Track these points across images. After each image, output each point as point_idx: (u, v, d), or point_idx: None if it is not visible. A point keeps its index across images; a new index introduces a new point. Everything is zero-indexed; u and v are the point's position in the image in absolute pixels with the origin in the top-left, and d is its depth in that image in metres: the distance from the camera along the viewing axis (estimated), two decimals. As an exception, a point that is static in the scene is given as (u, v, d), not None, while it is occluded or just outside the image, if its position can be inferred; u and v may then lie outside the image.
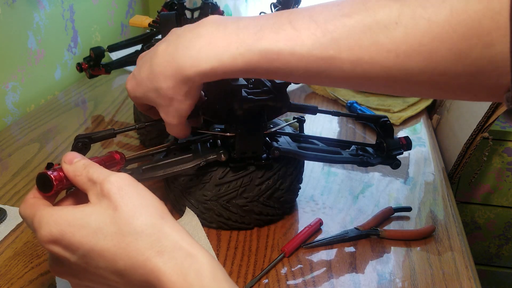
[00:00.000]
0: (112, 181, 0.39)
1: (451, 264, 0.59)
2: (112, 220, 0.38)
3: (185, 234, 0.38)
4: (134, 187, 0.40)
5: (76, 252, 0.38)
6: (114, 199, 0.38)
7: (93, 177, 0.40)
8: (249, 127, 0.59)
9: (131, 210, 0.38)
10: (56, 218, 0.38)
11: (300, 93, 1.14)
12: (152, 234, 0.37)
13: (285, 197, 0.64)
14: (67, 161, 0.42)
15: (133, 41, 1.00)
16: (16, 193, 0.72)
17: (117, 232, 0.37)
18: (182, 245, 0.37)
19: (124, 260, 0.37)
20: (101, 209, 0.38)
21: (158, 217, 0.38)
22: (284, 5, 0.54)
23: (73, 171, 0.42)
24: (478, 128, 0.84)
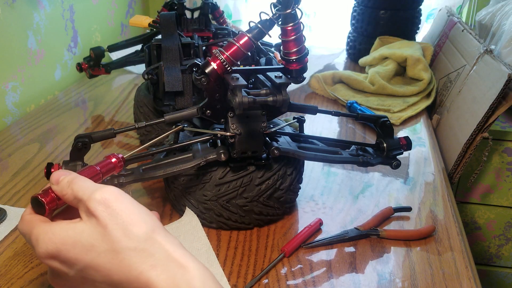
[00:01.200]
0: (97, 199, 0.39)
1: (451, 264, 0.59)
2: (103, 238, 0.38)
3: (176, 246, 0.39)
4: (122, 202, 0.39)
5: (73, 267, 0.39)
6: (102, 218, 0.38)
7: (78, 195, 0.40)
8: (249, 127, 0.59)
9: (121, 228, 0.38)
10: (50, 236, 0.39)
11: (300, 93, 1.14)
12: (145, 250, 0.38)
13: (285, 197, 0.64)
14: (53, 181, 0.42)
15: (133, 41, 1.00)
16: (16, 193, 0.72)
17: (109, 250, 0.38)
18: (174, 257, 0.38)
19: (119, 275, 0.38)
20: (91, 227, 0.38)
21: (149, 231, 0.38)
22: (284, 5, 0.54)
23: (60, 191, 0.42)
24: (478, 128, 0.84)
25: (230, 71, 0.56)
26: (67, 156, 0.60)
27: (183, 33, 0.83)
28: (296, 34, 0.56)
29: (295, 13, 0.54)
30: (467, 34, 1.07)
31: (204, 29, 0.91)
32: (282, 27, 0.56)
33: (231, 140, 0.59)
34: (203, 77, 0.55)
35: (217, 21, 1.02)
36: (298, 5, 0.54)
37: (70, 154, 0.58)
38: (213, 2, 0.97)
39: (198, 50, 0.79)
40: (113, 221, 0.38)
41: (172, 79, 0.71)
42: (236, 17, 1.65)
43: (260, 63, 0.69)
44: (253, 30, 0.54)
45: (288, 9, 0.54)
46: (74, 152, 0.58)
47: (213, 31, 0.90)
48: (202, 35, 0.89)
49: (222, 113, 0.60)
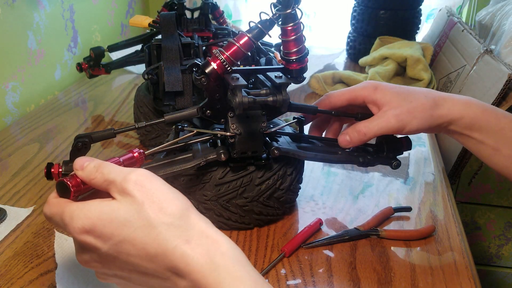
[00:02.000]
0: (132, 180, 0.41)
1: (451, 264, 0.59)
2: (139, 215, 0.39)
3: (209, 223, 0.41)
4: (155, 182, 0.41)
5: (108, 242, 0.40)
6: (138, 196, 0.40)
7: (110, 177, 0.42)
8: (249, 127, 0.59)
9: (157, 205, 0.40)
10: (86, 212, 0.41)
11: (300, 93, 1.14)
12: (180, 225, 0.39)
13: (285, 197, 0.64)
14: (78, 167, 0.44)
15: (133, 41, 1.00)
16: (16, 193, 0.72)
17: (145, 225, 0.39)
18: (208, 233, 0.40)
19: (155, 248, 0.39)
20: (127, 204, 0.40)
21: (184, 209, 0.41)
22: (284, 5, 0.54)
23: (87, 176, 0.43)
24: (478, 128, 0.84)
25: (230, 71, 0.56)
26: (67, 156, 0.60)
27: (183, 33, 0.83)
28: (296, 34, 0.56)
29: (295, 13, 0.54)
30: (467, 34, 1.07)
31: (204, 29, 0.91)
32: (282, 27, 0.56)
33: (231, 140, 0.59)
34: (203, 77, 0.55)
35: (217, 21, 1.02)
36: (298, 5, 0.54)
37: (70, 154, 0.58)
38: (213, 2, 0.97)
39: (198, 50, 0.79)
40: (149, 199, 0.40)
41: (172, 79, 0.71)
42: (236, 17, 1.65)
43: (260, 63, 0.69)
44: (253, 30, 0.54)
45: (288, 9, 0.53)
46: (74, 152, 0.58)
47: (213, 31, 0.90)
48: (202, 35, 0.89)
49: (222, 113, 0.60)
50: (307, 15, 1.65)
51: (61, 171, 0.58)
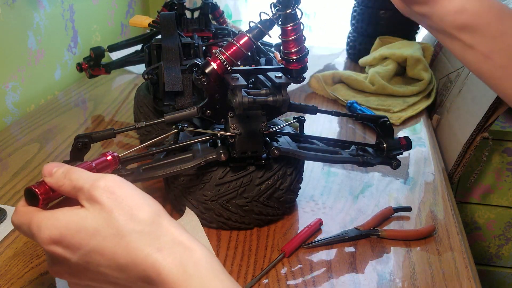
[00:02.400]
0: (100, 186, 0.39)
1: (451, 264, 0.59)
2: (108, 223, 0.38)
3: (182, 230, 0.39)
4: (125, 188, 0.40)
5: (77, 252, 0.39)
6: (107, 204, 0.38)
7: (78, 184, 0.40)
8: (249, 127, 0.59)
9: (126, 212, 0.38)
10: (53, 221, 0.39)
11: (300, 93, 1.14)
12: (151, 232, 0.38)
13: (285, 197, 0.64)
14: (46, 174, 0.42)
15: (133, 41, 1.00)
16: (16, 193, 0.72)
17: (115, 234, 0.38)
18: (181, 240, 0.38)
19: (125, 257, 0.37)
20: (95, 213, 0.38)
21: (154, 215, 0.39)
22: (284, 5, 0.54)
23: (55, 182, 0.41)
24: (478, 128, 0.84)
25: (230, 71, 0.56)
26: (67, 156, 0.60)
27: (183, 33, 0.83)
28: (296, 34, 0.56)
29: (295, 13, 0.54)
30: (467, 34, 1.07)
31: (204, 29, 0.91)
32: (282, 27, 0.56)
33: (231, 140, 0.59)
34: (203, 77, 0.55)
35: (217, 21, 1.02)
36: (298, 5, 0.54)
37: (70, 154, 0.58)
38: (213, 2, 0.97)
39: (198, 50, 0.79)
40: (118, 206, 0.38)
41: (172, 79, 0.71)
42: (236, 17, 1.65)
43: (260, 63, 0.69)
44: (253, 30, 0.54)
45: (288, 9, 0.53)
46: (74, 152, 0.58)
47: (213, 31, 0.90)
48: (202, 35, 0.89)
49: (222, 113, 0.60)
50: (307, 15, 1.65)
51: (61, 171, 0.57)
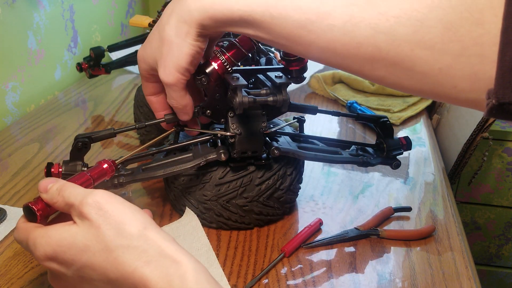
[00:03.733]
0: (90, 203, 0.40)
1: (451, 264, 0.59)
2: (97, 238, 0.39)
3: (169, 242, 0.40)
4: (113, 204, 0.40)
5: (71, 268, 0.40)
6: (95, 220, 0.39)
7: (70, 201, 0.41)
8: (249, 127, 0.59)
9: (114, 227, 0.39)
10: (47, 239, 0.40)
11: (300, 93, 1.14)
12: (138, 247, 0.39)
13: (285, 197, 0.64)
14: (42, 190, 0.43)
15: (133, 41, 1.00)
16: (16, 193, 0.72)
17: (104, 249, 0.39)
18: (167, 253, 0.38)
19: (114, 272, 0.39)
20: (85, 229, 0.40)
21: (142, 228, 0.39)
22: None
23: (50, 198, 0.43)
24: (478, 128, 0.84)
25: (230, 71, 0.56)
26: (67, 156, 0.60)
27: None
28: (296, 34, 0.56)
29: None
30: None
31: (204, 29, 0.91)
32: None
33: (231, 140, 0.59)
34: (203, 77, 0.55)
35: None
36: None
37: (70, 154, 0.58)
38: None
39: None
40: (106, 222, 0.39)
41: (172, 79, 0.71)
42: (236, 17, 1.64)
43: (260, 63, 0.69)
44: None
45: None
46: (74, 152, 0.58)
47: (213, 31, 0.90)
48: (202, 35, 0.89)
49: (222, 113, 0.60)
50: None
51: (61, 171, 0.58)
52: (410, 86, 0.41)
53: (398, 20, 0.38)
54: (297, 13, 0.42)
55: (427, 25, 0.37)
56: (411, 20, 0.37)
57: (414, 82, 0.41)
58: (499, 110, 0.32)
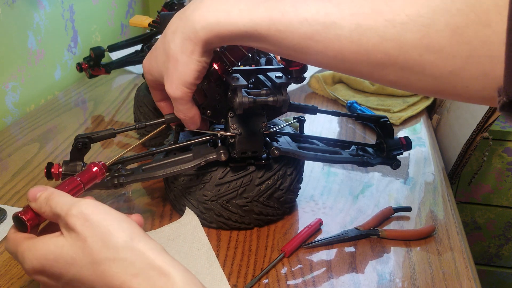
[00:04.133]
0: (75, 214, 0.39)
1: (451, 264, 0.59)
2: (83, 251, 0.38)
3: (158, 252, 0.38)
4: (99, 214, 0.39)
5: (60, 281, 0.40)
6: (81, 232, 0.38)
7: (56, 211, 0.40)
8: (249, 127, 0.59)
9: (100, 239, 0.38)
10: (34, 252, 0.40)
11: (300, 93, 1.14)
12: (125, 259, 0.38)
13: (285, 197, 0.64)
14: (30, 198, 0.42)
15: (133, 41, 1.00)
16: (16, 193, 0.72)
17: (91, 262, 0.38)
18: (156, 264, 0.37)
19: (102, 286, 0.38)
20: (72, 241, 0.39)
21: (128, 239, 0.38)
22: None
23: (38, 207, 0.42)
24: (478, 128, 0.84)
25: (230, 71, 0.56)
26: (67, 156, 0.60)
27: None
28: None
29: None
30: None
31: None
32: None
33: (231, 140, 0.59)
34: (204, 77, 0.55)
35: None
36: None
37: (70, 154, 0.59)
38: (213, 2, 0.97)
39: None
40: (92, 234, 0.38)
41: (172, 79, 0.71)
42: (236, 17, 1.64)
43: (260, 63, 0.69)
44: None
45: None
46: (74, 152, 0.58)
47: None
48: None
49: (222, 113, 0.60)
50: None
51: (61, 171, 0.58)
52: (422, 88, 0.42)
53: (405, 27, 0.38)
54: (303, 25, 0.41)
55: (434, 30, 0.37)
56: (417, 26, 0.37)
57: (426, 85, 0.41)
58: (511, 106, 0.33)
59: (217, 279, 0.54)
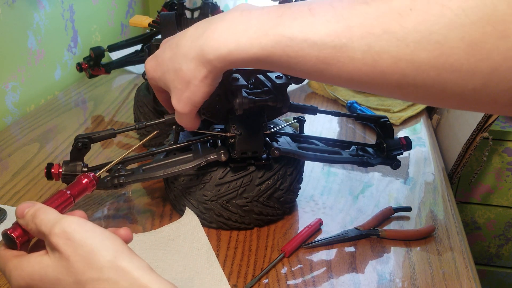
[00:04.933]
0: (57, 233, 0.38)
1: (451, 264, 0.59)
2: (67, 271, 0.38)
3: (143, 270, 0.38)
4: (81, 232, 0.39)
5: None
6: (64, 251, 0.38)
7: (41, 228, 0.40)
8: (249, 128, 0.59)
9: (83, 259, 0.37)
10: (20, 272, 0.39)
11: (300, 93, 1.14)
12: (109, 279, 0.37)
13: (285, 197, 0.64)
14: (18, 215, 0.42)
15: (133, 41, 1.00)
16: (16, 193, 0.72)
17: (74, 282, 0.37)
18: (141, 283, 0.37)
19: None
20: (56, 261, 0.38)
21: (112, 258, 0.38)
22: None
23: (25, 224, 0.41)
24: (478, 128, 0.84)
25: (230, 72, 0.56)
26: (67, 156, 0.60)
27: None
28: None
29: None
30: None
31: (204, 29, 0.91)
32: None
33: (231, 140, 0.59)
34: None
35: (217, 21, 1.01)
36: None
37: (70, 154, 0.59)
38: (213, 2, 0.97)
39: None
40: (75, 253, 0.38)
41: (172, 79, 0.71)
42: (236, 17, 1.64)
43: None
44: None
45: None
46: (74, 152, 0.58)
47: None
48: (202, 35, 0.89)
49: (222, 114, 0.60)
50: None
51: (61, 171, 0.58)
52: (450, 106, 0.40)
53: (418, 45, 0.36)
54: (314, 50, 0.40)
55: (449, 46, 0.35)
56: (431, 44, 0.35)
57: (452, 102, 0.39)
58: None
59: (217, 279, 0.54)
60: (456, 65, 0.35)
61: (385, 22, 0.37)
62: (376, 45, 0.38)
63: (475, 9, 0.33)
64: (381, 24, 0.37)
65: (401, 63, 0.37)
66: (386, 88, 0.40)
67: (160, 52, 0.52)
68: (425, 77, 0.37)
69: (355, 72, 0.40)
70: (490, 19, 0.33)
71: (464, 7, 0.34)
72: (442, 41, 0.35)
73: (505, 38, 0.33)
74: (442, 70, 0.36)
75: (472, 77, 0.35)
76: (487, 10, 0.33)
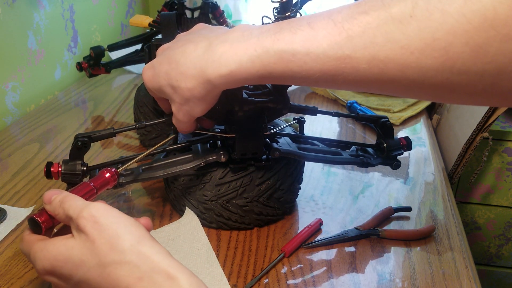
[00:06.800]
0: (85, 217, 0.40)
1: (451, 264, 0.59)
2: (91, 253, 0.39)
3: (164, 255, 0.39)
4: (108, 217, 0.40)
5: (69, 282, 0.41)
6: (91, 233, 0.39)
7: (69, 213, 0.41)
8: (249, 128, 0.59)
9: (107, 242, 0.39)
10: (45, 253, 0.41)
11: (300, 93, 1.14)
12: (130, 262, 0.38)
13: (285, 197, 0.64)
14: (46, 201, 0.44)
15: (133, 41, 1.00)
16: (16, 193, 0.72)
17: (98, 264, 0.39)
18: (161, 268, 0.38)
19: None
20: (81, 243, 0.40)
21: (135, 243, 0.39)
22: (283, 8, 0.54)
23: (52, 210, 0.43)
24: (478, 128, 0.84)
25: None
26: (67, 155, 0.60)
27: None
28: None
29: (294, 16, 0.54)
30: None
31: (204, 29, 0.91)
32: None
33: (231, 141, 0.59)
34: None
35: (217, 21, 1.02)
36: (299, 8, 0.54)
37: (70, 154, 0.59)
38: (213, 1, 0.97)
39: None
40: (100, 236, 0.39)
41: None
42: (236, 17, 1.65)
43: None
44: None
45: (287, 12, 0.54)
46: (74, 151, 0.58)
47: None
48: (202, 35, 0.89)
49: (222, 115, 0.60)
50: (307, 15, 1.65)
51: (61, 170, 0.58)
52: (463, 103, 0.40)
53: (423, 53, 0.36)
54: (318, 63, 0.40)
55: (454, 52, 0.35)
56: (436, 50, 0.35)
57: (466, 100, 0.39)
58: None
59: (217, 279, 0.54)
60: (463, 69, 0.35)
61: (387, 30, 0.37)
62: (380, 55, 0.38)
63: (477, 13, 0.33)
64: (383, 33, 0.37)
65: (408, 70, 0.37)
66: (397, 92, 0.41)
67: (157, 63, 0.51)
68: (434, 81, 0.37)
69: (362, 80, 0.40)
70: (492, 23, 0.33)
71: (465, 12, 0.34)
72: (446, 47, 0.35)
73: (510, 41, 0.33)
74: (450, 74, 0.36)
75: (480, 78, 0.35)
76: (489, 14, 0.33)
